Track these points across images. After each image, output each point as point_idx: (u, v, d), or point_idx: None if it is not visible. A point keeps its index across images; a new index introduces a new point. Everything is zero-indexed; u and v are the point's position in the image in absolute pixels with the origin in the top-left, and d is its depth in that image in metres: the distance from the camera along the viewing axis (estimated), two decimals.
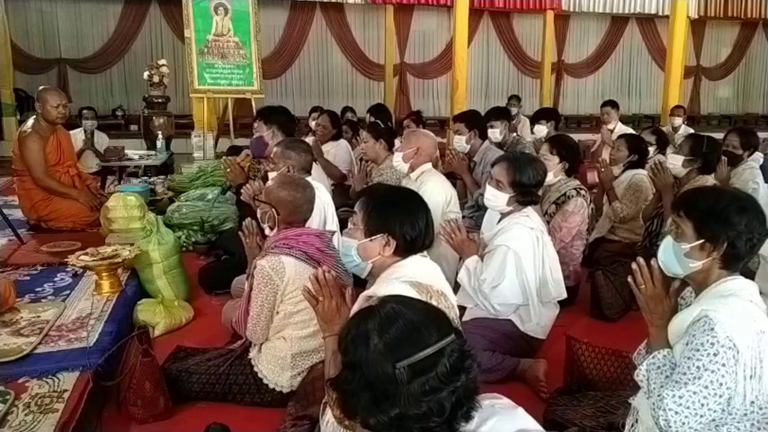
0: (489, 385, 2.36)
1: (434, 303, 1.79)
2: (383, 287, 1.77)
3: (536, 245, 2.76)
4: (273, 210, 2.44)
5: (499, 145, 4.73)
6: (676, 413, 1.49)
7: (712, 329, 1.49)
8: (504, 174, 2.79)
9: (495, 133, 4.82)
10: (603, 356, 2.41)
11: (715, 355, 1.48)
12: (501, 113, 5.14)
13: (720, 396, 1.49)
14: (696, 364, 1.50)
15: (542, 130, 5.56)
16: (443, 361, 1.02)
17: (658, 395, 1.55)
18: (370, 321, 1.08)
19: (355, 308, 1.78)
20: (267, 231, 2.56)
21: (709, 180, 3.63)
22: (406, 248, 1.88)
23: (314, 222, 2.99)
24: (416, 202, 1.97)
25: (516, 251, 2.70)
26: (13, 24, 10.48)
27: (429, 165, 3.58)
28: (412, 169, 3.54)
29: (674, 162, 3.62)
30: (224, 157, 4.38)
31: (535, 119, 5.79)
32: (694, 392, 1.49)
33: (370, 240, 1.88)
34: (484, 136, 4.47)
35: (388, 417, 1.02)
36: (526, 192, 2.79)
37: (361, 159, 4.87)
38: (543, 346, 2.89)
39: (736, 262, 1.63)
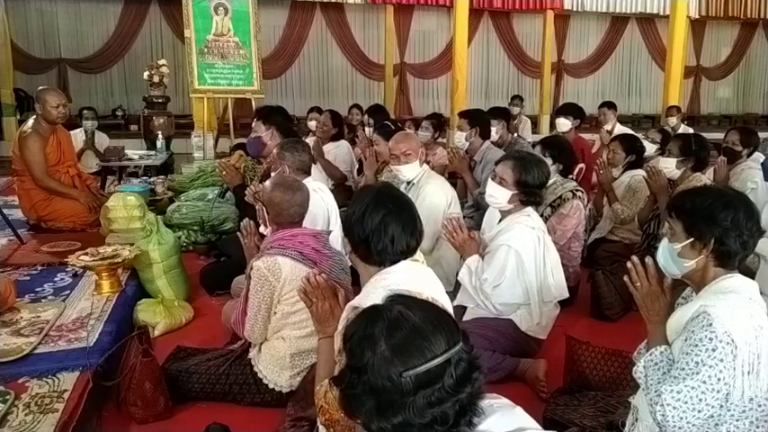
0: (489, 385, 2.34)
1: None
2: (369, 298, 1.67)
3: (537, 245, 2.76)
4: (264, 209, 2.46)
5: (497, 145, 4.73)
6: (674, 408, 1.50)
7: (711, 325, 1.50)
8: (509, 172, 2.78)
9: (492, 132, 4.80)
10: (603, 356, 2.42)
11: (713, 350, 1.49)
12: (499, 113, 5.13)
13: (718, 391, 1.50)
14: (694, 360, 1.50)
15: (566, 124, 5.38)
16: (450, 371, 1.00)
17: (656, 391, 1.55)
18: (377, 325, 1.04)
19: (342, 317, 1.71)
20: (262, 230, 2.56)
21: (703, 178, 3.64)
22: (364, 255, 1.80)
23: (318, 223, 3.00)
24: (391, 212, 1.77)
25: (517, 251, 2.70)
26: (13, 24, 10.50)
27: (426, 165, 3.57)
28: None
29: (668, 165, 3.63)
30: (217, 161, 4.35)
31: (559, 113, 5.62)
32: (692, 387, 1.49)
33: (345, 236, 1.89)
34: (486, 136, 4.46)
35: (390, 424, 1.00)
36: (529, 192, 2.79)
37: (359, 160, 4.85)
38: (543, 346, 2.89)
39: (730, 259, 1.64)
